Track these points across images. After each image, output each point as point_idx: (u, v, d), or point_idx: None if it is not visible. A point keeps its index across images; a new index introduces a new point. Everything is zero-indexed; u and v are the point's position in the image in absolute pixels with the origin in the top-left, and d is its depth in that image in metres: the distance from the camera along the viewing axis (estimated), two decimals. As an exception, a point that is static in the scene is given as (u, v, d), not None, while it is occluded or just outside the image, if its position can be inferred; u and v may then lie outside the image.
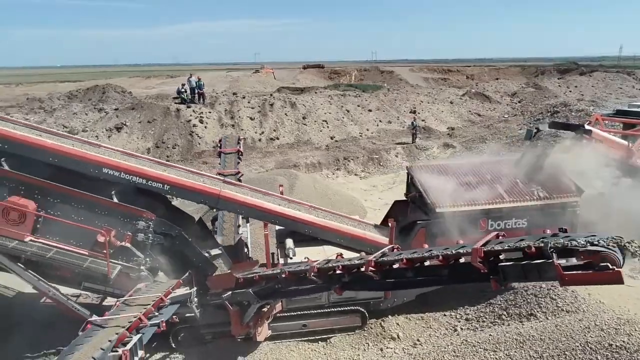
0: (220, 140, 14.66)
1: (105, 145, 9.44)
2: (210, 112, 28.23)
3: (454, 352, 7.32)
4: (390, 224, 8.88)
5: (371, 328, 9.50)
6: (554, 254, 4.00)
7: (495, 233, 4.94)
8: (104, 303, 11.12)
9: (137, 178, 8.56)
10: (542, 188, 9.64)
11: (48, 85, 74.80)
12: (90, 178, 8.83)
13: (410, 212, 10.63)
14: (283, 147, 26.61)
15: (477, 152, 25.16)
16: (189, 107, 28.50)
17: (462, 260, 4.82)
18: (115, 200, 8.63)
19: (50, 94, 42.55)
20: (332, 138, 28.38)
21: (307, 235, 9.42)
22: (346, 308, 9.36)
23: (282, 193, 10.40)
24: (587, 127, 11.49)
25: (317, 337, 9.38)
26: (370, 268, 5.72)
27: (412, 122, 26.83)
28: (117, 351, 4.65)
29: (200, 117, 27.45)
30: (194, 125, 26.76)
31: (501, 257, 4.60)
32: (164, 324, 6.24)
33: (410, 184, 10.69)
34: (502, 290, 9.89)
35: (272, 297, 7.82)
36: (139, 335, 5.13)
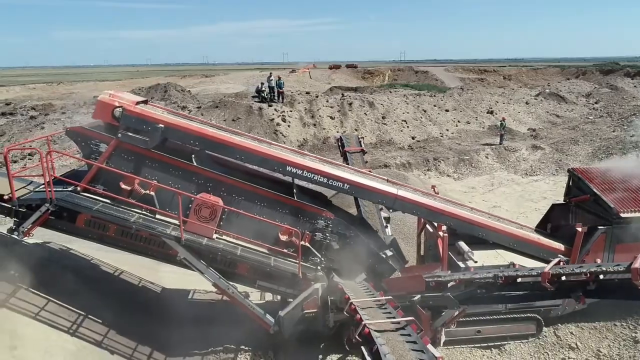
0: (340, 140, 14.51)
1: (276, 144, 9.40)
2: (291, 111, 28.32)
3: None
4: (579, 230, 8.45)
5: (545, 337, 9.11)
6: None
7: None
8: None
9: (319, 177, 8.42)
10: None
11: (88, 83, 76.74)
12: (269, 176, 8.84)
13: (574, 217, 10.14)
14: (367, 147, 26.16)
15: (572, 155, 24.24)
16: (270, 105, 28.69)
17: None
18: (295, 198, 8.56)
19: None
20: (413, 138, 27.97)
21: (477, 238, 9.12)
22: (523, 315, 8.97)
23: (437, 194, 10.13)
24: None
25: (489, 344, 9.06)
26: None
27: (502, 123, 26.06)
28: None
29: (283, 116, 27.57)
30: (278, 124, 26.90)
31: None
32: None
33: (574, 186, 10.19)
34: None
35: (472, 302, 7.55)
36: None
